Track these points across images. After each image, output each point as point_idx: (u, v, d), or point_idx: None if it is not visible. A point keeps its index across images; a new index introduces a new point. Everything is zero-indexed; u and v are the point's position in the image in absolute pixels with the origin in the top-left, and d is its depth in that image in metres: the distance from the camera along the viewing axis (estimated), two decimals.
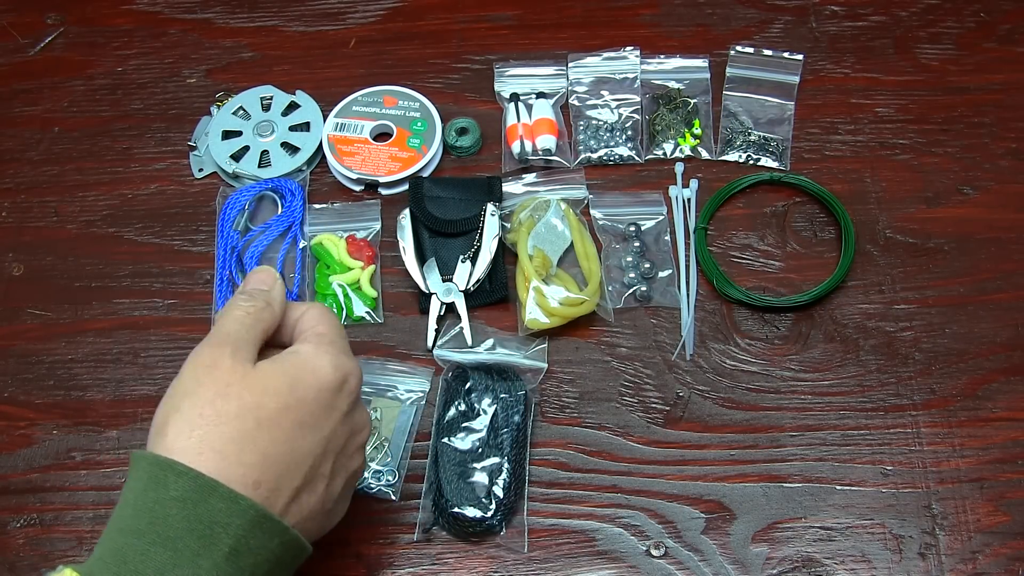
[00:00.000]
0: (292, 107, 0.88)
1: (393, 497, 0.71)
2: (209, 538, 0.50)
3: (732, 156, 0.84)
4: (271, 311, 0.59)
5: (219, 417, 0.53)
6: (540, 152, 0.84)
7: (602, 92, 0.88)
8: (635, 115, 0.86)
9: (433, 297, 0.77)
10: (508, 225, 0.80)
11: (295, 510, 0.55)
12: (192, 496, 0.51)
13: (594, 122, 0.86)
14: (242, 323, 0.57)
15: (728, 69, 0.88)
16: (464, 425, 0.71)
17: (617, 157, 0.84)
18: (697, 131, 0.85)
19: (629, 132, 0.85)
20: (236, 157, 0.85)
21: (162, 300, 0.81)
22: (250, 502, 0.52)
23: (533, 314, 0.75)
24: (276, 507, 0.54)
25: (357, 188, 0.85)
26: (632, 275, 0.79)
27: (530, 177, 0.84)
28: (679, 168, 0.83)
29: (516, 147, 0.84)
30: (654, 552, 0.68)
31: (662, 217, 0.81)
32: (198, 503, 0.51)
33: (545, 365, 0.75)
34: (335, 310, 0.78)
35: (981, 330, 0.76)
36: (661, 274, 0.79)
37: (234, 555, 0.51)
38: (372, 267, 0.80)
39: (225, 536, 0.51)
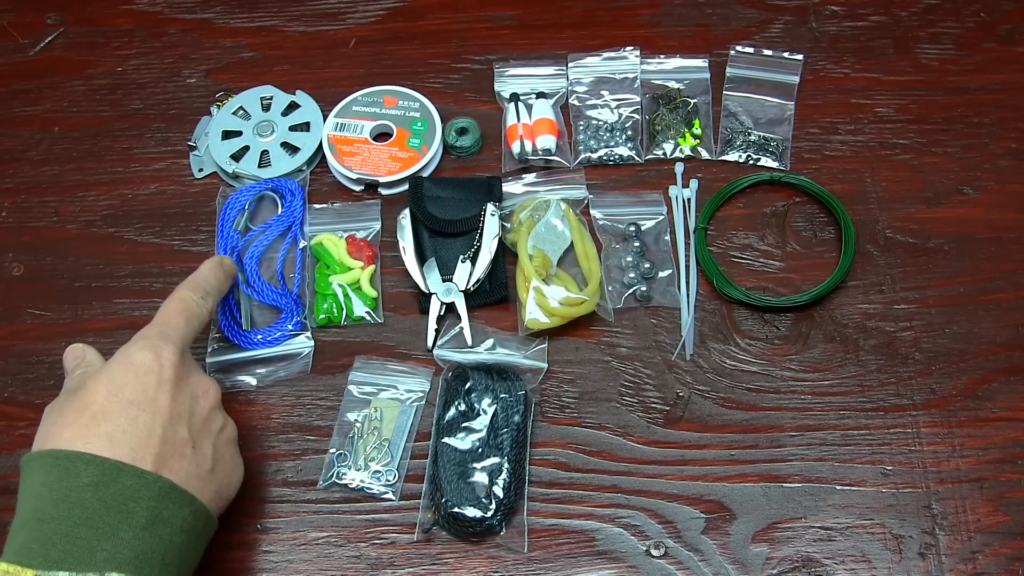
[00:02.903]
0: (292, 107, 0.88)
1: (393, 497, 0.71)
2: (125, 513, 0.56)
3: (732, 156, 0.84)
4: (95, 368, 0.66)
5: (64, 423, 0.60)
6: (540, 152, 0.84)
7: (602, 92, 0.88)
8: (635, 115, 0.86)
9: (433, 297, 0.77)
10: (508, 225, 0.80)
11: (169, 477, 0.59)
12: (103, 479, 0.57)
13: (594, 122, 0.86)
14: (78, 379, 0.65)
15: (728, 69, 0.88)
16: (464, 425, 0.71)
17: (617, 157, 0.84)
18: (697, 131, 0.85)
19: (629, 132, 0.85)
20: (236, 157, 0.85)
21: (162, 300, 0.80)
22: (155, 476, 0.58)
23: (533, 314, 0.75)
24: None
25: (357, 188, 0.85)
26: (632, 275, 0.79)
27: (530, 177, 0.84)
28: (679, 168, 0.83)
29: (516, 147, 0.84)
30: (654, 552, 0.68)
31: (662, 217, 0.81)
32: (109, 484, 0.57)
33: (545, 365, 0.75)
34: (335, 310, 0.78)
35: (981, 330, 0.76)
36: (661, 274, 0.79)
37: (151, 525, 0.57)
38: (372, 267, 0.80)
39: (139, 509, 0.57)
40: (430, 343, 0.77)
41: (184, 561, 0.60)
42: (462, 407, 0.72)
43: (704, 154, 0.85)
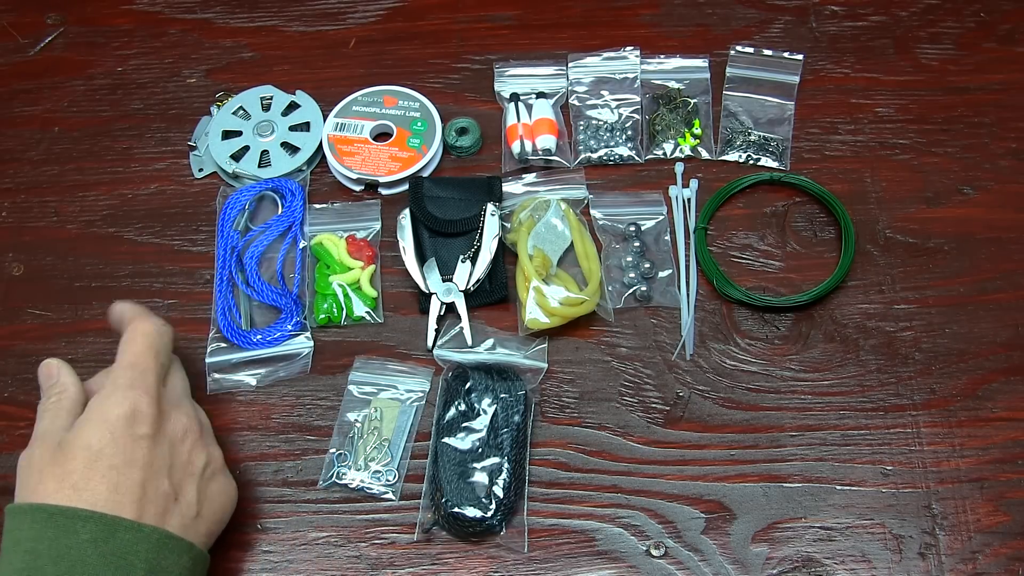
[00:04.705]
0: (292, 107, 0.88)
1: (393, 497, 0.71)
2: (125, 566, 0.57)
3: (732, 156, 0.84)
4: (68, 394, 0.65)
5: (45, 491, 0.59)
6: (540, 152, 0.84)
7: (602, 92, 0.88)
8: (635, 115, 0.86)
9: (433, 297, 0.77)
10: (508, 225, 0.80)
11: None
12: (102, 535, 0.57)
13: (594, 122, 0.86)
14: (51, 419, 0.63)
15: (728, 69, 0.88)
16: (464, 425, 0.71)
17: (617, 157, 0.84)
18: (697, 131, 0.85)
19: (629, 132, 0.85)
20: (236, 157, 0.85)
21: (162, 300, 0.80)
22: (152, 527, 0.58)
23: (533, 314, 0.75)
24: None
25: (357, 188, 0.85)
26: (632, 275, 0.79)
27: (530, 177, 0.84)
28: (679, 168, 0.83)
29: (516, 147, 0.84)
30: (654, 552, 0.68)
31: (662, 217, 0.81)
32: (108, 539, 0.57)
33: (545, 365, 0.75)
34: (335, 310, 0.78)
35: (981, 330, 0.76)
36: (661, 274, 0.79)
37: None
38: (372, 267, 0.80)
39: (138, 562, 0.57)
40: (430, 343, 0.77)
41: None
42: (462, 407, 0.72)
43: (704, 154, 0.85)
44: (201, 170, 0.87)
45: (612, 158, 0.84)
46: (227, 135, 0.87)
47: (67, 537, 0.56)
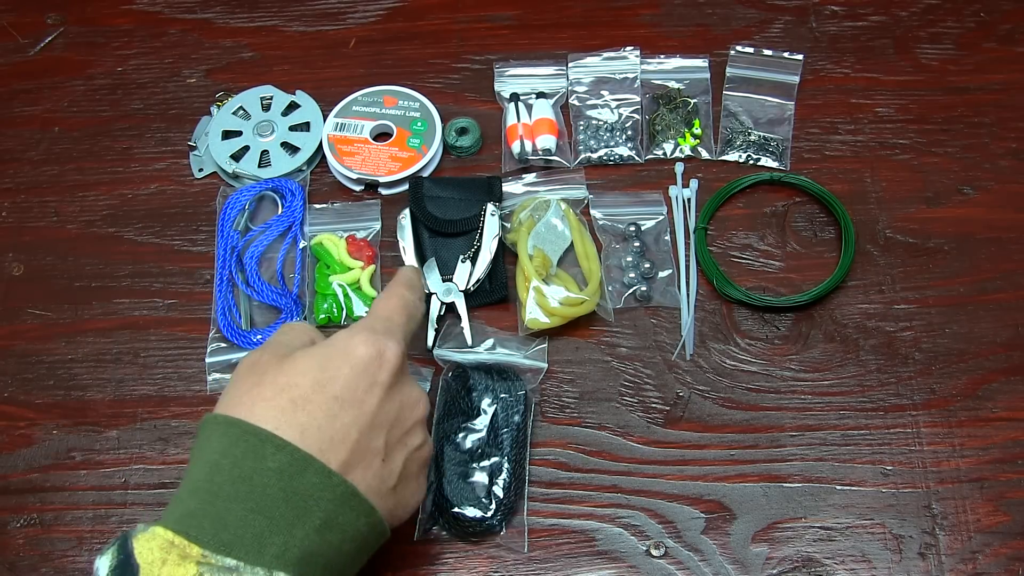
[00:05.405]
0: (292, 107, 0.88)
1: None
2: (303, 510, 0.53)
3: (732, 156, 0.84)
4: (310, 326, 0.64)
5: (259, 395, 0.56)
6: (540, 152, 0.84)
7: (602, 92, 0.88)
8: (635, 115, 0.86)
9: (433, 297, 0.77)
10: (508, 225, 0.80)
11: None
12: (289, 469, 0.53)
13: (594, 122, 0.86)
14: (290, 333, 0.62)
15: (728, 69, 0.88)
16: (464, 425, 0.71)
17: (617, 157, 0.84)
18: (697, 131, 0.85)
19: (629, 132, 0.85)
20: (236, 157, 0.85)
21: (162, 300, 0.81)
22: (341, 479, 0.54)
23: (533, 314, 0.75)
24: None
25: (357, 188, 0.85)
26: (632, 275, 0.79)
27: (530, 177, 0.84)
28: (679, 168, 0.83)
29: (516, 147, 0.84)
30: (654, 552, 0.68)
31: (662, 217, 0.81)
32: (294, 476, 0.53)
33: (545, 365, 0.75)
34: (335, 310, 0.78)
35: (981, 330, 0.76)
36: (661, 274, 0.79)
37: (324, 528, 0.53)
38: (372, 267, 0.80)
39: (317, 509, 0.53)
40: (430, 343, 0.77)
41: (345, 570, 0.57)
42: (462, 407, 0.72)
43: (704, 154, 0.85)
44: (201, 170, 0.87)
45: (612, 158, 0.84)
46: (227, 135, 0.87)
47: (254, 460, 0.53)
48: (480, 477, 0.69)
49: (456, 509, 0.68)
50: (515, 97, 0.87)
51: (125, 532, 0.52)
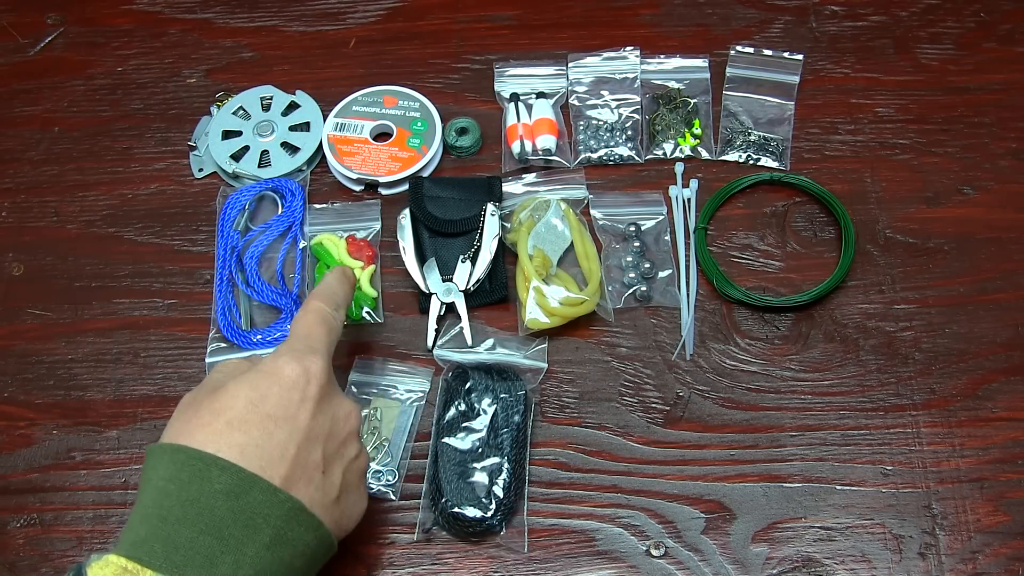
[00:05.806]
0: (292, 107, 0.88)
1: (393, 497, 0.71)
2: (252, 528, 0.54)
3: (732, 156, 0.84)
4: (239, 361, 0.65)
5: (199, 422, 0.58)
6: (540, 152, 0.84)
7: (602, 92, 0.88)
8: (635, 115, 0.86)
9: (433, 297, 0.77)
10: (508, 225, 0.80)
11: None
12: (236, 489, 0.55)
13: (594, 122, 0.86)
14: (221, 370, 0.64)
15: (728, 69, 0.88)
16: (464, 425, 0.71)
17: (617, 157, 0.84)
18: (697, 131, 0.85)
19: (629, 132, 0.85)
20: (236, 157, 0.85)
21: (162, 300, 0.81)
22: (287, 495, 0.56)
23: (533, 314, 0.75)
24: None
25: (357, 188, 0.85)
26: (632, 275, 0.79)
27: (530, 177, 0.84)
28: (679, 168, 0.83)
29: (516, 147, 0.84)
30: (654, 552, 0.68)
31: (662, 217, 0.81)
32: (241, 495, 0.54)
33: (545, 365, 0.75)
34: None
35: (981, 330, 0.76)
36: (661, 274, 0.79)
37: (274, 544, 0.55)
38: (372, 267, 0.80)
39: (266, 527, 0.55)
40: (430, 343, 0.77)
41: None
42: (462, 407, 0.72)
43: (704, 154, 0.85)
44: (201, 170, 0.87)
45: (612, 158, 0.84)
46: (227, 135, 0.87)
47: (200, 483, 0.54)
48: (480, 477, 0.69)
49: (456, 509, 0.68)
50: (515, 97, 0.87)
51: (79, 563, 0.53)
